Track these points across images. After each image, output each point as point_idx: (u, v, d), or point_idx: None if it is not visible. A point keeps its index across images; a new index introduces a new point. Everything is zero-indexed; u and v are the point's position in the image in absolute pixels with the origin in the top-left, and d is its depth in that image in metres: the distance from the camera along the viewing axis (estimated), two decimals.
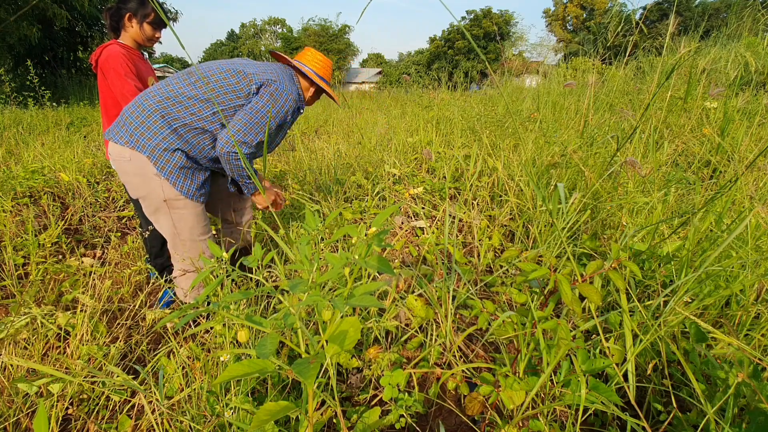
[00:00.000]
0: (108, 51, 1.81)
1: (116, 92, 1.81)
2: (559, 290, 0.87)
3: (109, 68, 1.79)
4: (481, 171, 2.64)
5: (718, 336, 0.93)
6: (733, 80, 3.49)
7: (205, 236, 1.69)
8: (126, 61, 1.80)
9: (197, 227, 1.64)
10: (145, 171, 1.50)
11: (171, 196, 1.55)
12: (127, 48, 1.86)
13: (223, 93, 1.53)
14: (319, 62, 1.76)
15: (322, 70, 1.76)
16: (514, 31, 41.21)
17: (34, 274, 1.89)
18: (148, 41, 1.91)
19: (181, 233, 1.62)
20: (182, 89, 1.51)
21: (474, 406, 1.10)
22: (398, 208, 1.53)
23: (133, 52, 1.89)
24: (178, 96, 1.50)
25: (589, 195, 1.71)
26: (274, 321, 0.73)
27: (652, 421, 1.10)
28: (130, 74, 1.80)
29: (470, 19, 42.19)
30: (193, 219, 1.62)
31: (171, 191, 1.53)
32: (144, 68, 1.94)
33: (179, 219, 1.60)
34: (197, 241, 1.65)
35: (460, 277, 1.76)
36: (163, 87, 1.52)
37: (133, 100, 1.56)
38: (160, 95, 1.50)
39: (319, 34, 42.70)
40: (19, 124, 5.66)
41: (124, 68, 1.79)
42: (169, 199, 1.55)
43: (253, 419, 0.63)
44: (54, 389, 1.21)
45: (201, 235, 1.66)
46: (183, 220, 1.60)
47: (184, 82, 1.52)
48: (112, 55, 1.79)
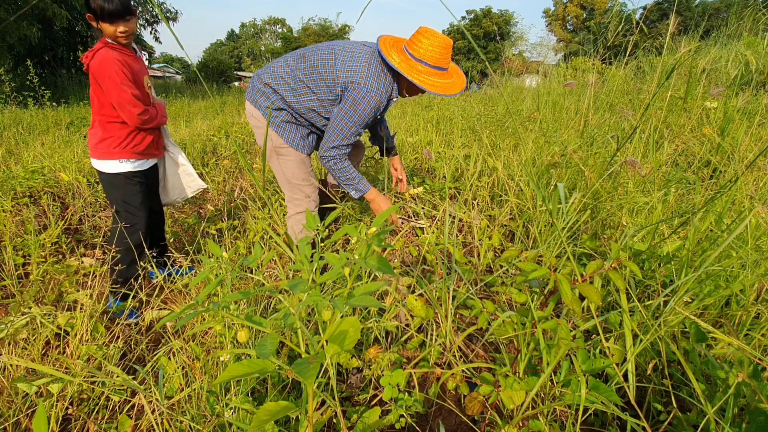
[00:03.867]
0: (100, 57, 1.68)
1: (113, 100, 1.73)
2: (559, 290, 0.87)
3: (103, 76, 1.68)
4: (481, 171, 2.64)
5: (718, 336, 0.93)
6: (733, 80, 3.49)
7: (307, 182, 1.97)
8: (120, 67, 1.68)
9: (299, 173, 1.94)
10: (262, 124, 1.89)
11: (278, 144, 1.90)
12: (117, 50, 1.72)
13: (319, 85, 1.77)
14: (424, 48, 1.61)
15: (430, 56, 1.61)
16: (514, 31, 41.22)
17: (34, 274, 1.89)
18: (115, 38, 1.70)
19: (287, 175, 1.95)
20: (292, 71, 1.80)
21: (474, 406, 1.10)
22: (398, 207, 1.54)
23: (124, 53, 1.75)
24: (286, 77, 1.81)
25: (589, 195, 1.71)
26: (274, 321, 0.73)
27: (652, 421, 1.10)
28: (126, 81, 1.70)
29: (470, 18, 42.19)
30: (295, 165, 1.93)
31: (278, 140, 1.89)
32: (138, 67, 1.82)
33: (285, 163, 1.93)
34: (299, 184, 1.96)
35: (460, 277, 1.76)
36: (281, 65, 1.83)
37: (264, 69, 1.89)
38: (275, 73, 1.83)
39: (319, 33, 42.70)
40: (19, 124, 5.66)
41: (120, 76, 1.68)
42: (276, 146, 1.90)
43: (253, 419, 0.63)
44: (54, 389, 1.21)
45: (303, 181, 1.96)
46: (287, 164, 1.93)
47: (295, 64, 1.80)
48: (104, 61, 1.67)
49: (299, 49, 1.85)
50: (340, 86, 1.72)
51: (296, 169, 1.94)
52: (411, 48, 1.64)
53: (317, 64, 1.74)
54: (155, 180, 2.10)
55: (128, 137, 1.85)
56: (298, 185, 1.96)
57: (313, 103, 1.81)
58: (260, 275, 0.82)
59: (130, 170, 1.88)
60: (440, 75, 1.64)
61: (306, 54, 1.78)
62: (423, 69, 1.62)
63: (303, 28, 44.74)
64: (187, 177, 2.18)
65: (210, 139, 5.22)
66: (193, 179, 2.19)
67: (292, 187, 1.98)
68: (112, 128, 1.83)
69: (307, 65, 1.76)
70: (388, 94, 1.75)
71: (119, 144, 1.84)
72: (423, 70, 1.62)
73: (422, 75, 1.62)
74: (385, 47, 1.66)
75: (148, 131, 1.91)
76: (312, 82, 1.77)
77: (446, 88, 1.65)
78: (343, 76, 1.70)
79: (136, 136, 1.87)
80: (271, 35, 51.72)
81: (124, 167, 1.86)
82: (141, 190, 1.93)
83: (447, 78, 1.65)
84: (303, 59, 1.77)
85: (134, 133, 1.86)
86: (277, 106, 1.84)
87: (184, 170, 2.17)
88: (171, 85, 16.38)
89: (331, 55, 1.73)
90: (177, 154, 2.12)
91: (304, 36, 43.67)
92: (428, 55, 1.61)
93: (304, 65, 1.77)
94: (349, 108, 1.71)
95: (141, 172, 1.93)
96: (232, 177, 3.95)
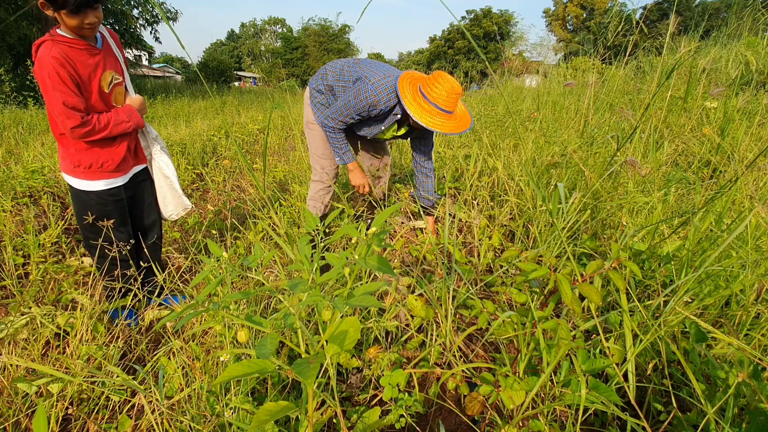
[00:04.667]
0: (40, 54, 1.40)
1: (47, 109, 1.45)
2: (559, 290, 0.87)
3: (38, 77, 1.39)
4: (481, 171, 2.64)
5: (718, 336, 0.93)
6: (733, 80, 3.49)
7: (325, 157, 2.27)
8: (55, 67, 1.37)
9: (320, 148, 2.26)
10: (306, 101, 2.26)
11: (309, 120, 2.24)
12: (65, 43, 1.41)
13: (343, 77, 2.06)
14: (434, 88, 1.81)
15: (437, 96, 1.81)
16: (514, 31, 41.19)
17: (34, 274, 1.89)
18: (79, 30, 1.42)
19: (311, 147, 2.30)
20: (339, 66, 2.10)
21: (474, 406, 1.10)
22: (398, 207, 1.54)
23: (74, 47, 1.43)
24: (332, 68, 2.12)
25: (589, 195, 1.71)
26: (274, 321, 0.73)
27: (652, 421, 1.10)
28: (58, 85, 1.39)
29: (470, 18, 42.17)
30: (319, 141, 2.25)
31: (311, 116, 2.23)
32: (93, 63, 1.48)
33: (311, 136, 2.27)
34: (319, 157, 2.28)
35: (460, 277, 1.76)
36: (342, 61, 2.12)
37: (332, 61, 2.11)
38: (328, 66, 2.14)
39: (319, 33, 42.70)
40: (19, 123, 5.66)
41: (52, 79, 1.38)
42: (308, 121, 2.25)
43: (253, 419, 0.63)
44: (53, 389, 1.21)
45: (322, 156, 2.27)
46: (313, 138, 2.26)
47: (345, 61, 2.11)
48: (41, 59, 1.38)
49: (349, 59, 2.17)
50: (353, 78, 1.99)
51: (318, 143, 2.26)
52: (426, 89, 1.84)
53: (360, 62, 2.05)
54: (145, 187, 1.81)
55: (90, 154, 1.54)
56: (318, 158, 2.29)
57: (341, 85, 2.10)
58: (260, 275, 0.82)
59: (102, 189, 1.61)
60: (446, 117, 1.86)
61: (361, 59, 2.12)
62: (429, 108, 1.84)
63: (303, 28, 44.70)
64: (173, 193, 1.88)
65: (210, 139, 5.22)
66: (178, 196, 1.89)
67: (313, 160, 2.31)
68: (67, 143, 1.54)
69: (354, 61, 2.08)
70: (389, 106, 1.94)
71: (80, 163, 1.55)
72: (428, 109, 1.83)
73: (428, 115, 1.83)
74: (403, 87, 1.87)
75: (117, 141, 1.60)
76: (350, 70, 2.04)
77: (445, 127, 1.85)
78: (361, 72, 1.97)
79: (102, 152, 1.56)
80: (271, 35, 51.70)
81: (96, 186, 1.59)
82: (117, 208, 1.67)
83: (452, 120, 1.87)
84: (357, 62, 2.07)
85: (97, 148, 1.55)
86: (320, 89, 2.15)
87: (171, 185, 1.86)
88: (171, 85, 16.38)
89: (373, 63, 2.05)
90: (164, 165, 1.82)
91: (304, 36, 43.66)
92: (440, 99, 1.82)
93: (354, 62, 2.07)
94: (350, 94, 1.95)
95: (118, 188, 1.66)
96: (232, 177, 3.95)
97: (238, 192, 3.65)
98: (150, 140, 1.79)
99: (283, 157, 4.89)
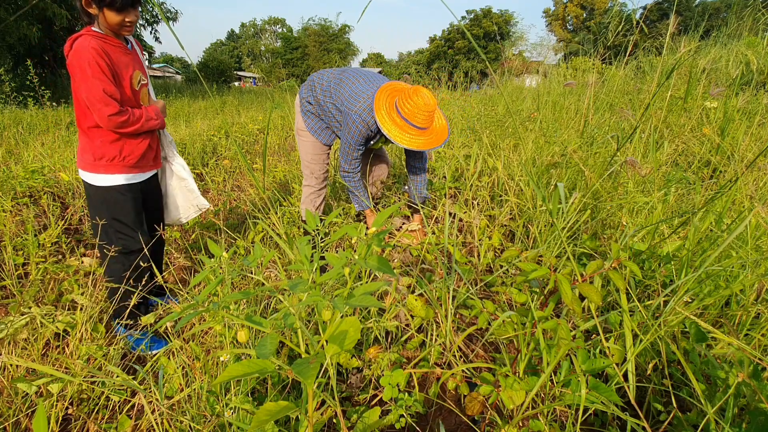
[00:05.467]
0: (77, 46, 1.45)
1: (83, 96, 1.48)
2: (559, 290, 0.87)
3: (75, 68, 1.45)
4: (481, 171, 2.64)
5: (718, 336, 0.93)
6: (733, 80, 3.49)
7: (315, 162, 2.33)
8: (95, 57, 1.44)
9: (309, 154, 2.33)
10: (297, 108, 2.32)
11: (300, 127, 2.30)
12: (101, 38, 1.48)
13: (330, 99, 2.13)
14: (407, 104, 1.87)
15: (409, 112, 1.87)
16: (514, 31, 41.18)
17: (34, 274, 1.89)
18: (120, 28, 1.51)
19: (301, 153, 2.37)
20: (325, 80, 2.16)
21: (474, 406, 1.10)
22: (398, 208, 1.54)
23: (109, 42, 1.51)
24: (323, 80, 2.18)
25: (589, 195, 1.71)
26: (274, 321, 0.73)
27: (652, 421, 1.10)
28: (98, 74, 1.45)
29: (470, 18, 42.17)
30: (310, 146, 2.31)
31: (301, 124, 2.29)
32: (124, 60, 1.57)
33: (302, 143, 2.33)
34: (309, 162, 2.35)
35: (460, 277, 1.76)
36: (330, 71, 2.20)
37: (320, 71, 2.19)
38: (315, 79, 2.21)
39: (319, 33, 42.70)
40: (19, 123, 5.66)
41: (92, 67, 1.44)
42: (299, 128, 2.32)
43: (253, 419, 0.63)
44: (53, 389, 1.21)
45: (312, 161, 2.34)
46: (303, 145, 2.33)
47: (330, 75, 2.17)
48: (79, 50, 1.44)
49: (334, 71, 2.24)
50: (340, 109, 2.07)
51: (308, 149, 2.33)
52: (400, 104, 1.89)
53: (342, 78, 2.10)
54: (155, 193, 1.83)
55: (115, 146, 1.59)
56: (307, 163, 2.36)
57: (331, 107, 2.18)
58: (260, 275, 0.82)
59: (122, 183, 1.63)
60: (419, 132, 1.92)
61: (345, 69, 2.18)
62: (401, 124, 1.90)
63: (303, 28, 44.70)
64: (189, 194, 1.89)
65: (210, 139, 5.22)
66: (195, 197, 1.90)
67: (304, 165, 2.38)
68: (93, 135, 1.58)
69: (338, 76, 2.13)
70: (374, 125, 2.01)
71: (104, 156, 1.58)
72: (401, 125, 1.90)
73: (400, 131, 1.90)
74: (378, 101, 1.92)
75: (141, 137, 1.65)
76: (333, 92, 2.12)
77: (416, 143, 1.92)
78: (344, 105, 2.03)
79: (125, 145, 1.61)
80: (271, 35, 51.69)
81: (116, 180, 1.62)
82: (135, 206, 1.68)
83: (425, 135, 1.94)
84: (340, 80, 2.10)
85: (122, 141, 1.60)
86: (309, 100, 2.22)
87: (186, 186, 1.88)
88: (171, 85, 16.38)
89: (356, 76, 2.09)
90: (179, 167, 1.86)
91: (304, 36, 43.65)
92: (413, 116, 1.87)
93: (338, 77, 2.12)
94: (345, 133, 2.06)
95: (136, 184, 1.68)
96: (232, 177, 3.95)
97: (238, 192, 3.65)
98: (166, 144, 1.82)
99: (283, 157, 4.89)
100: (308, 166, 2.36)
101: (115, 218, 1.64)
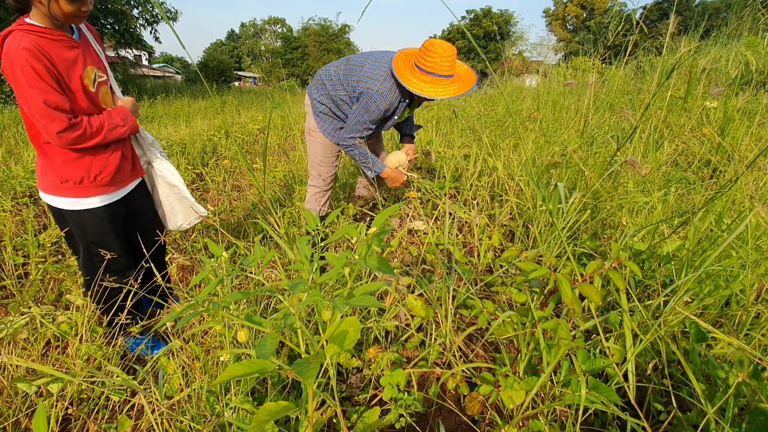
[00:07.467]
0: (7, 46, 1.16)
1: (25, 110, 1.22)
2: (559, 290, 0.87)
3: (8, 75, 1.17)
4: (481, 171, 2.64)
5: (718, 336, 0.93)
6: (733, 80, 3.49)
7: (323, 164, 2.31)
8: (29, 60, 1.15)
9: (319, 155, 2.30)
10: (308, 109, 2.28)
11: (311, 127, 2.26)
12: (35, 33, 1.18)
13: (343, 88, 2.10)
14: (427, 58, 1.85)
15: (432, 65, 1.84)
16: (514, 31, 41.17)
17: (33, 274, 1.89)
18: (71, 18, 1.22)
19: (310, 154, 2.34)
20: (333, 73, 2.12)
21: (474, 405, 1.10)
22: (398, 208, 1.54)
23: (47, 37, 1.21)
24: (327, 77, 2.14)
25: (589, 195, 1.71)
26: (274, 321, 0.73)
27: (652, 421, 1.10)
28: (35, 82, 1.16)
29: (470, 18, 42.17)
30: (319, 147, 2.28)
31: (313, 124, 2.25)
32: (71, 56, 1.25)
33: (312, 143, 2.30)
34: (317, 164, 2.32)
35: (460, 277, 1.75)
36: (327, 68, 2.16)
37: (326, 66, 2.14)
38: (323, 74, 2.16)
39: (319, 33, 42.69)
40: (19, 123, 5.66)
41: (27, 74, 1.15)
42: (310, 128, 2.27)
43: (253, 419, 0.63)
44: (53, 389, 1.21)
45: (320, 163, 2.31)
46: (313, 145, 2.30)
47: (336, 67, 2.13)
48: (9, 53, 1.15)
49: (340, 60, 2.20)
50: (356, 93, 2.04)
51: (318, 150, 2.30)
52: (420, 62, 1.87)
53: (350, 65, 2.07)
54: (144, 201, 1.60)
55: (80, 165, 1.31)
56: (316, 164, 2.33)
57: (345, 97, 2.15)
58: (260, 275, 0.82)
59: (98, 206, 1.37)
60: (449, 81, 1.90)
61: (348, 57, 2.16)
62: (429, 79, 1.86)
63: (303, 28, 44.69)
64: (183, 201, 1.67)
65: (210, 139, 5.22)
66: (190, 204, 1.68)
67: (311, 166, 2.36)
68: (52, 153, 1.30)
69: (345, 64, 2.10)
70: (397, 100, 2.02)
71: (68, 178, 1.31)
72: (429, 80, 1.86)
73: (431, 86, 1.87)
74: (398, 68, 1.91)
75: (110, 149, 1.37)
76: (344, 80, 2.09)
77: (450, 92, 1.89)
78: (360, 85, 2.01)
79: (94, 162, 1.33)
80: (271, 35, 51.66)
81: (89, 203, 1.36)
82: (116, 225, 1.44)
83: (455, 82, 1.91)
84: (348, 68, 2.08)
85: (88, 157, 1.31)
86: (321, 100, 2.19)
87: (179, 193, 1.65)
88: (171, 84, 16.38)
89: (360, 67, 2.05)
90: (167, 172, 1.61)
91: (304, 36, 43.63)
92: (437, 67, 1.85)
93: (345, 65, 2.10)
94: (359, 109, 2.03)
95: (116, 203, 1.43)
96: (232, 177, 3.95)
97: (238, 192, 3.65)
98: (146, 147, 1.56)
99: (283, 157, 4.89)
100: (316, 168, 2.34)
101: (93, 242, 1.41)
